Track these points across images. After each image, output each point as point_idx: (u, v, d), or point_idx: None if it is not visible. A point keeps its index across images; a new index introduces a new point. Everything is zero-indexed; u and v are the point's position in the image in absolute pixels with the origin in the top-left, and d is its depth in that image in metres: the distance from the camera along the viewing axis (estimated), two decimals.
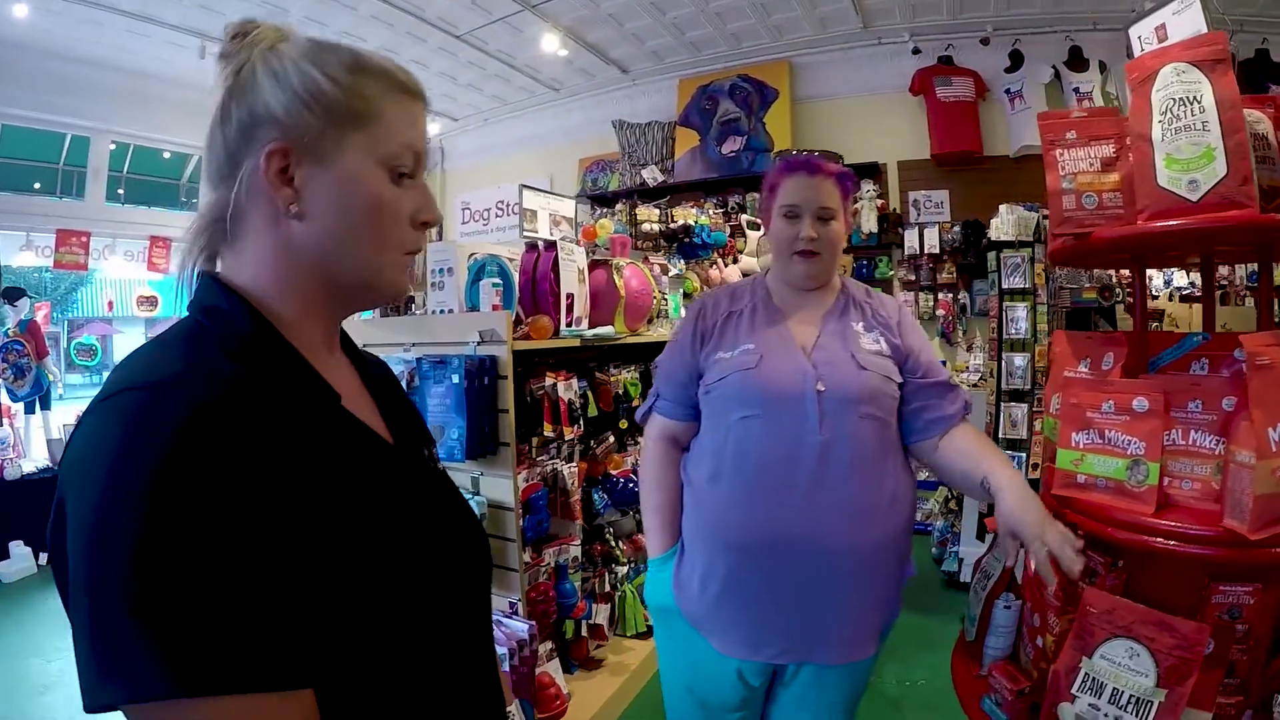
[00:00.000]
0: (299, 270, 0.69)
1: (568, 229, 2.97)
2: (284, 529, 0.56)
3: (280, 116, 0.65)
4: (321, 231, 0.68)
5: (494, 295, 2.27)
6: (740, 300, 1.57)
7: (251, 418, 0.57)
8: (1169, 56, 1.25)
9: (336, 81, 0.67)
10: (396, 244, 0.72)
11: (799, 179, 1.51)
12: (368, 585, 0.62)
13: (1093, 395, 1.32)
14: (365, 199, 0.68)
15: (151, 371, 0.58)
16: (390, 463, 0.74)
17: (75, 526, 0.52)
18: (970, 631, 1.57)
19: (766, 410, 1.41)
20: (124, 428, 0.53)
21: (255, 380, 0.61)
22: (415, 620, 0.67)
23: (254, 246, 0.68)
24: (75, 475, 0.54)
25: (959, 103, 5.26)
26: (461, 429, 2.15)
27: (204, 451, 0.53)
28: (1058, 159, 1.34)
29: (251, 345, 0.64)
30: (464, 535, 0.79)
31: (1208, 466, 1.24)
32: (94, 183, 6.80)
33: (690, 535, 1.52)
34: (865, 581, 1.41)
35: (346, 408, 0.71)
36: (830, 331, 1.51)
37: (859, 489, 1.39)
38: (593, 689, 2.70)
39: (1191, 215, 1.19)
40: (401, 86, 0.71)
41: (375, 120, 0.68)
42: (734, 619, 1.43)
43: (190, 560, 0.50)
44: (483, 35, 5.70)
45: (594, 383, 2.80)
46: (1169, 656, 1.10)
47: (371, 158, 0.68)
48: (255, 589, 0.53)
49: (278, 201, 0.66)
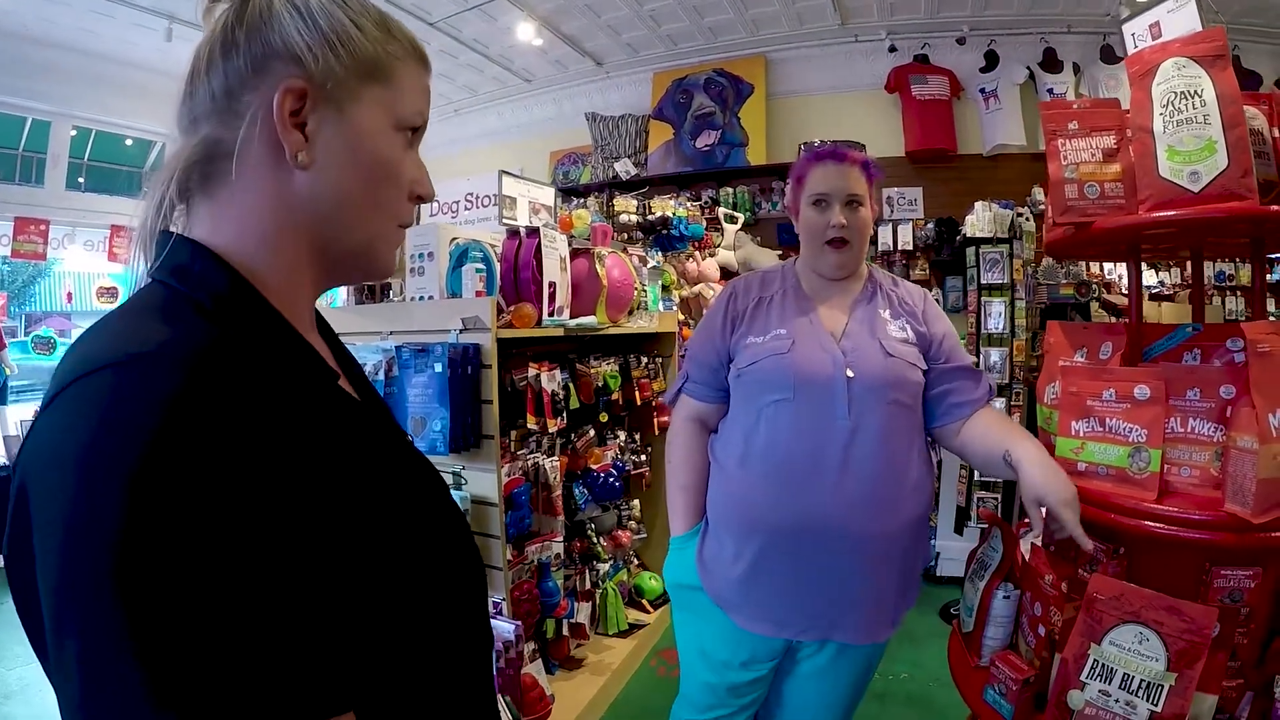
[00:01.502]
0: (292, 227, 0.62)
1: (547, 217, 2.92)
2: (288, 518, 0.48)
3: (302, 54, 0.59)
4: (325, 184, 0.62)
5: (477, 281, 2.21)
6: (771, 286, 1.61)
7: (244, 392, 0.49)
8: (1169, 51, 1.27)
9: (365, 31, 0.62)
10: (394, 213, 0.68)
11: (826, 167, 1.54)
12: (384, 583, 0.56)
13: (1093, 383, 1.33)
14: (377, 156, 0.64)
15: (121, 345, 0.48)
16: (379, 436, 0.69)
17: (47, 542, 0.43)
18: (967, 622, 1.56)
19: (798, 394, 1.44)
20: (100, 411, 0.44)
21: (239, 346, 0.52)
22: (429, 620, 0.62)
23: (244, 196, 0.60)
24: (41, 474, 0.45)
25: (934, 101, 5.30)
26: (445, 420, 2.08)
27: (203, 431, 0.44)
28: (1060, 149, 1.34)
29: (230, 308, 0.56)
30: (456, 524, 0.73)
31: (1206, 453, 1.25)
32: (54, 169, 6.55)
33: (717, 515, 1.55)
34: (887, 564, 1.46)
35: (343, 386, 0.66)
36: (858, 319, 1.54)
37: (885, 474, 1.43)
38: (574, 689, 2.67)
39: (1193, 206, 1.21)
40: (420, 56, 0.69)
41: (394, 79, 0.65)
42: (761, 598, 1.47)
43: (193, 576, 0.41)
44: (456, 23, 5.59)
45: (574, 374, 2.76)
46: (1178, 640, 1.11)
47: (388, 116, 0.65)
48: (276, 600, 0.45)
49: (286, 145, 0.59)
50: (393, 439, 0.73)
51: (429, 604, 0.62)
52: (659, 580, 3.25)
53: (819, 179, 1.55)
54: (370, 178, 0.64)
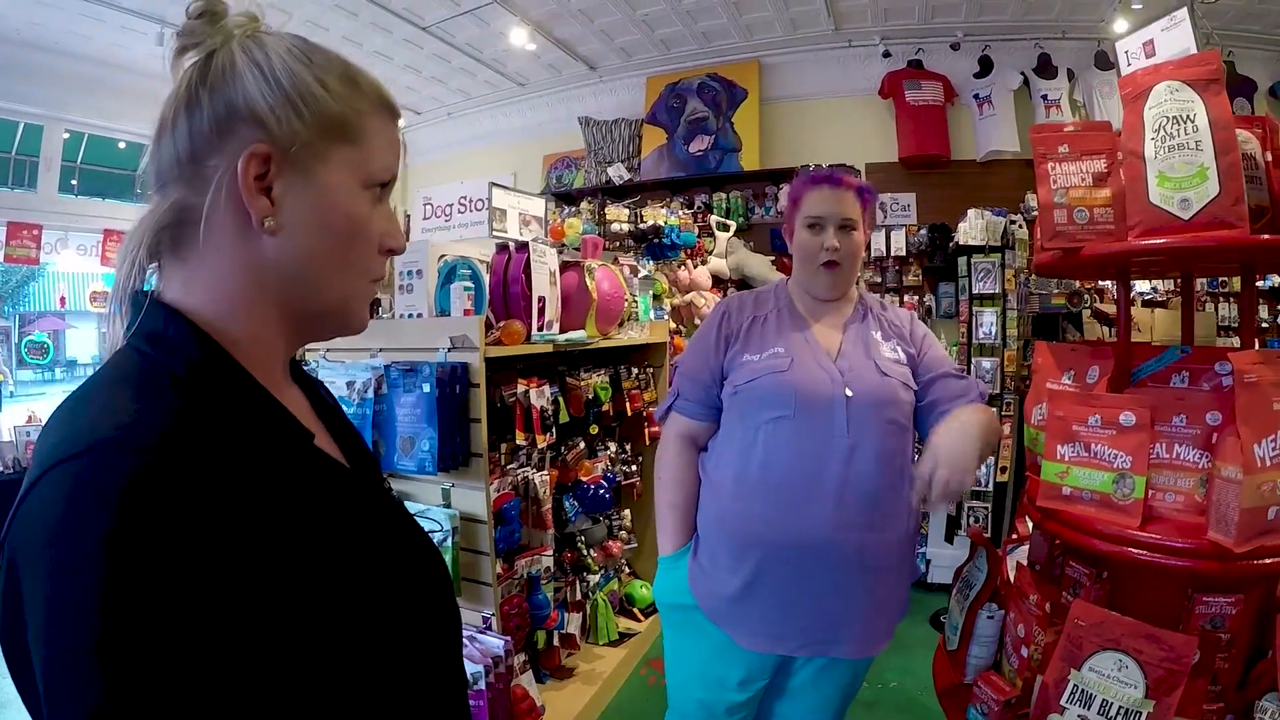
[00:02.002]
0: (263, 291, 0.62)
1: (538, 229, 2.90)
2: (261, 585, 0.50)
3: (265, 116, 0.58)
4: (294, 248, 0.61)
5: (465, 299, 2.21)
6: (764, 305, 1.63)
7: (214, 465, 0.50)
8: (1162, 74, 1.26)
9: (329, 89, 0.61)
10: (365, 270, 0.67)
11: (822, 191, 1.58)
12: (351, 630, 0.57)
13: (1079, 408, 1.33)
14: (345, 220, 0.63)
15: (91, 429, 0.50)
16: (358, 497, 0.68)
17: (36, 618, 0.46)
18: (952, 640, 1.57)
19: (798, 412, 1.46)
20: (65, 505, 0.46)
21: (209, 418, 0.53)
22: (399, 670, 0.62)
23: (213, 260, 0.60)
24: (26, 557, 0.47)
25: (928, 107, 5.31)
26: (433, 440, 2.08)
27: (165, 515, 0.46)
28: (1049, 173, 1.34)
29: (202, 373, 0.57)
30: (427, 566, 0.73)
31: (1191, 480, 1.25)
32: (46, 173, 6.49)
33: (710, 532, 1.56)
34: (883, 580, 1.48)
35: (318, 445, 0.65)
36: (852, 339, 1.57)
37: (883, 491, 1.45)
38: (565, 699, 2.68)
39: (1182, 233, 1.20)
40: (388, 106, 0.67)
41: (361, 137, 0.64)
42: (759, 614, 1.48)
43: (160, 652, 0.44)
44: (449, 27, 5.58)
45: (564, 388, 2.75)
46: (1157, 668, 1.11)
47: (356, 175, 0.64)
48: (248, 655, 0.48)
49: (252, 211, 0.59)
50: (370, 493, 0.71)
51: (398, 655, 0.62)
52: (649, 588, 3.25)
53: (815, 202, 1.58)
54: (340, 240, 0.63)
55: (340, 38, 5.69)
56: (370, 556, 0.63)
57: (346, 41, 5.77)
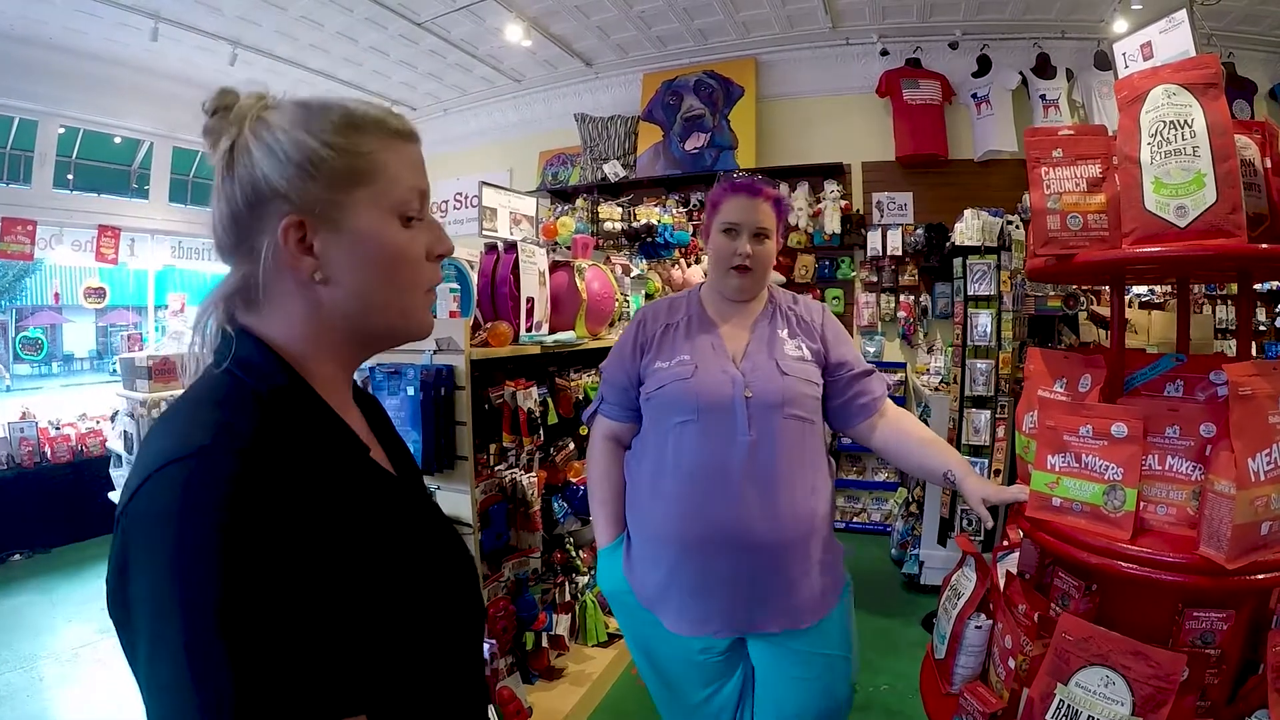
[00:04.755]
0: (330, 329, 0.72)
1: (529, 228, 2.87)
2: (329, 572, 0.60)
3: (285, 190, 0.67)
4: (349, 291, 0.71)
5: (451, 301, 2.20)
6: (677, 313, 1.73)
7: (293, 471, 0.61)
8: (1159, 78, 1.22)
9: (331, 145, 0.68)
10: (417, 285, 0.75)
11: (740, 200, 1.66)
12: (395, 616, 0.67)
13: (1071, 418, 1.30)
14: (383, 253, 0.71)
15: (194, 436, 0.60)
16: (404, 501, 0.78)
17: (149, 595, 0.55)
18: (940, 649, 1.55)
19: (701, 415, 1.58)
20: (181, 497, 0.56)
21: (291, 433, 0.65)
22: (433, 648, 0.72)
23: (283, 310, 0.71)
24: (143, 542, 0.57)
25: (925, 105, 5.28)
26: (417, 443, 2.08)
27: (260, 507, 0.57)
28: (1043, 177, 1.31)
29: (287, 397, 0.68)
30: (458, 562, 0.83)
31: (1184, 492, 1.23)
32: (41, 168, 6.45)
33: (635, 528, 1.70)
34: (792, 561, 1.59)
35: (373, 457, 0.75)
36: (758, 339, 1.68)
37: (784, 481, 1.57)
38: (554, 700, 2.68)
39: (1178, 241, 1.17)
40: (396, 133, 0.73)
41: (378, 174, 0.70)
42: (680, 601, 1.61)
43: (266, 609, 0.54)
44: (445, 23, 5.54)
45: (554, 388, 2.72)
46: (1145, 685, 1.09)
47: (381, 211, 0.71)
48: (319, 628, 0.57)
49: (301, 270, 0.69)
50: (415, 500, 0.82)
51: (431, 635, 0.72)
52: None
53: (732, 209, 1.66)
54: (384, 271, 0.72)
55: (335, 33, 5.66)
56: (410, 552, 0.73)
57: (341, 37, 5.74)
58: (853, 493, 5.38)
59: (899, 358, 5.53)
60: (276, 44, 5.81)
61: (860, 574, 4.18)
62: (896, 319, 5.52)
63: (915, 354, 5.41)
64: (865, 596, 3.95)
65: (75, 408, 6.33)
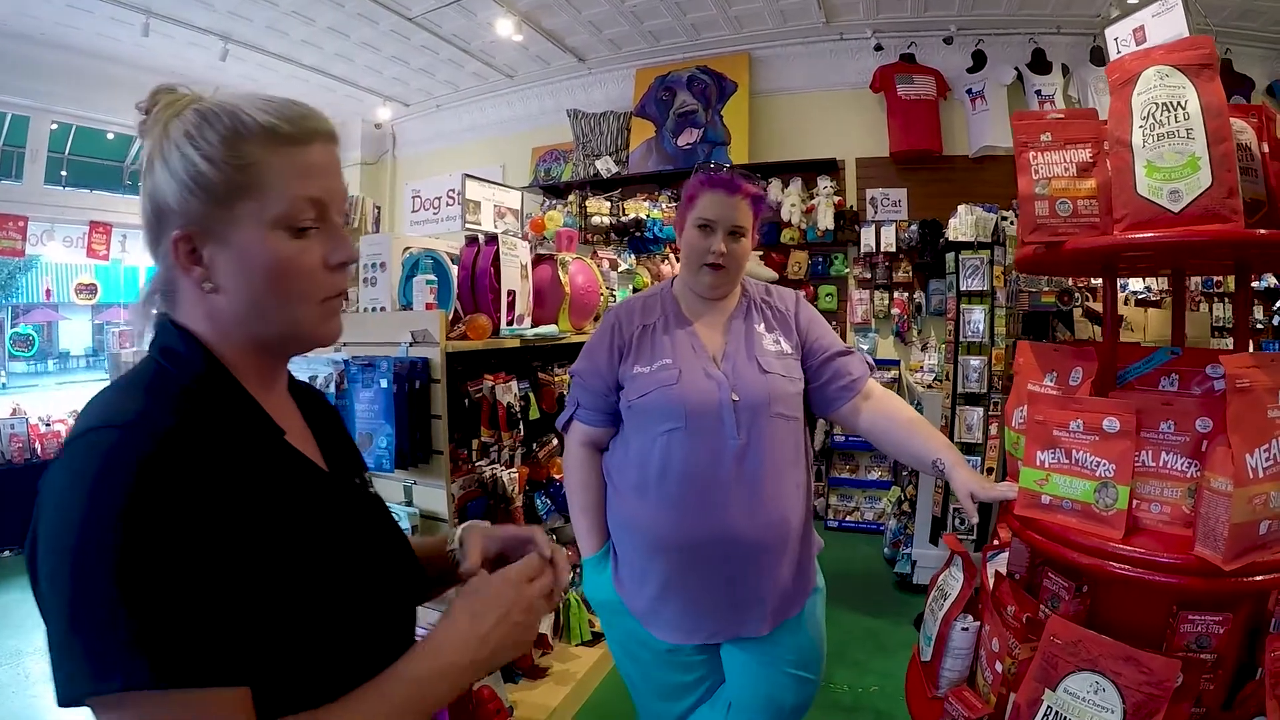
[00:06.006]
0: (228, 332, 0.74)
1: (513, 221, 2.82)
2: (230, 545, 0.63)
3: (174, 206, 0.70)
4: (237, 299, 0.72)
5: (428, 293, 2.14)
6: (652, 313, 1.68)
7: (203, 450, 0.64)
8: (1152, 59, 1.17)
9: (212, 159, 0.68)
10: (309, 296, 0.75)
11: (717, 196, 1.59)
12: (297, 596, 0.68)
13: (1060, 413, 1.25)
14: (266, 266, 0.71)
15: (118, 413, 0.65)
16: (323, 488, 0.79)
17: (52, 545, 0.59)
18: (926, 651, 1.50)
19: (689, 422, 1.53)
20: (98, 461, 0.60)
21: (208, 416, 0.68)
22: (340, 628, 0.72)
23: (192, 311, 0.74)
24: (52, 502, 0.61)
25: (920, 101, 5.23)
26: (390, 437, 2.03)
27: (166, 478, 0.60)
28: (1030, 162, 1.26)
29: (205, 383, 0.71)
30: (390, 554, 0.85)
31: (1179, 490, 1.17)
32: (33, 164, 6.41)
33: (621, 538, 1.66)
34: (782, 560, 1.58)
35: (289, 441, 0.77)
36: (735, 337, 1.64)
37: (772, 482, 1.55)
38: (537, 699, 2.67)
39: (1172, 227, 1.12)
40: (287, 139, 0.71)
41: (261, 185, 0.70)
42: (674, 611, 1.59)
43: (160, 572, 0.58)
44: (436, 19, 5.49)
45: (536, 383, 2.67)
46: (1136, 692, 1.04)
47: (263, 224, 0.70)
48: (211, 597, 0.60)
49: (192, 280, 0.72)
50: (341, 490, 0.83)
51: (337, 607, 0.72)
52: None
53: (708, 205, 1.59)
54: (271, 284, 0.72)
55: (326, 28, 5.61)
56: (323, 536, 0.74)
57: (333, 32, 5.69)
58: (846, 491, 5.32)
59: (893, 355, 5.49)
60: (268, 39, 5.77)
61: (852, 573, 4.20)
62: (890, 316, 5.48)
63: (909, 351, 5.37)
64: (857, 596, 3.94)
65: (68, 405, 6.28)
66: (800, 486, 1.62)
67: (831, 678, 3.05)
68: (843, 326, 5.66)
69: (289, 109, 0.72)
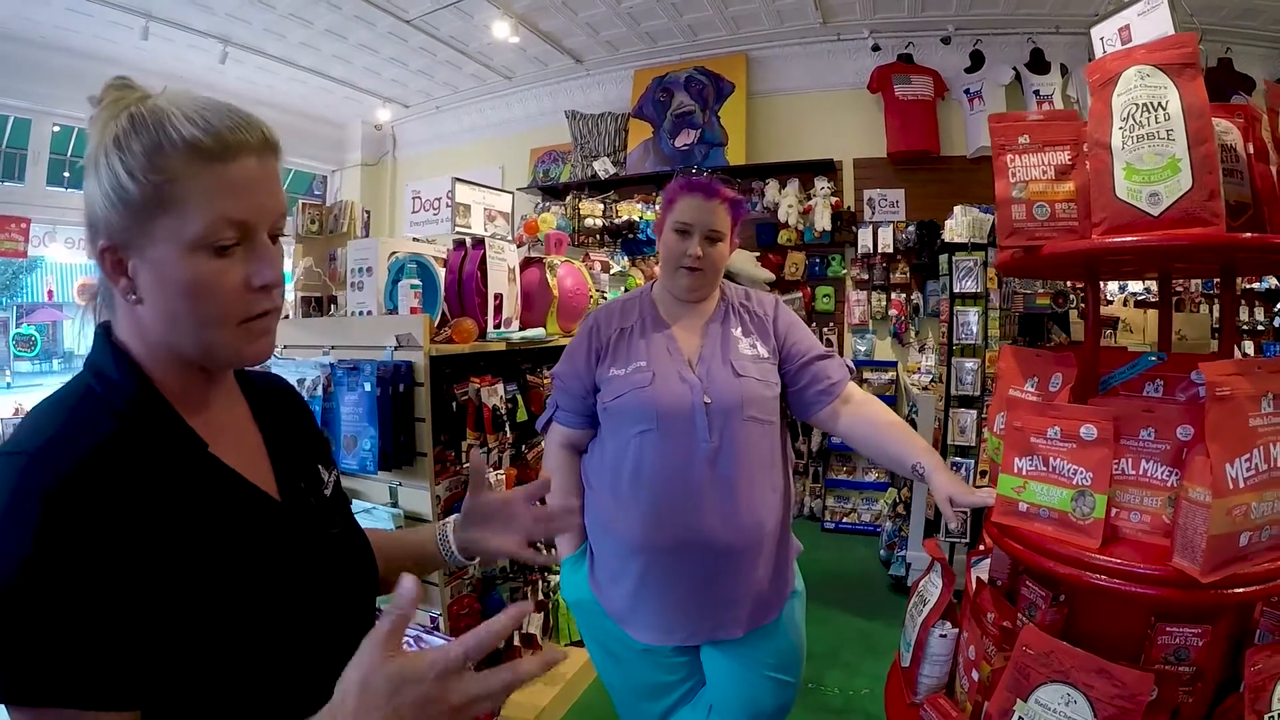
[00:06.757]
0: (154, 343, 0.73)
1: (503, 225, 2.82)
2: (131, 571, 0.62)
3: (100, 217, 0.69)
4: (156, 313, 0.71)
5: (412, 298, 2.15)
6: (630, 316, 1.69)
7: (110, 480, 0.64)
8: (1133, 59, 1.15)
9: (133, 173, 0.67)
10: (225, 318, 0.72)
11: (695, 200, 1.60)
12: (201, 621, 0.66)
13: (1038, 419, 1.23)
14: (180, 286, 0.69)
15: (32, 437, 0.65)
16: (249, 509, 0.76)
17: None
18: (905, 657, 1.49)
19: (661, 424, 1.55)
20: (5, 494, 0.61)
21: (127, 438, 0.67)
22: (248, 654, 0.69)
23: (125, 319, 0.74)
24: None
25: (917, 101, 5.21)
26: (374, 439, 2.04)
27: (66, 513, 0.60)
28: (1008, 165, 1.24)
29: (131, 404, 0.70)
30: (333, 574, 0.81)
31: (1159, 499, 1.16)
32: (34, 167, 6.44)
33: (598, 539, 1.67)
34: (757, 564, 1.59)
35: (216, 453, 0.75)
36: (711, 340, 1.65)
37: (746, 484, 1.56)
38: (525, 699, 2.67)
39: (1151, 231, 1.10)
40: (211, 154, 0.68)
41: (179, 202, 0.67)
42: (648, 611, 1.60)
43: (57, 599, 0.58)
44: (433, 20, 5.49)
45: (525, 385, 2.66)
46: (1108, 706, 1.02)
47: (180, 242, 0.68)
48: (110, 626, 0.60)
49: (120, 290, 0.71)
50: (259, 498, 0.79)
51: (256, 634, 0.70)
52: None
53: (685, 209, 1.60)
54: (184, 303, 0.70)
55: (324, 30, 5.61)
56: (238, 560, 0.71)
57: (331, 34, 5.69)
58: (843, 493, 5.30)
59: (890, 356, 5.46)
60: (267, 42, 5.77)
61: (847, 575, 4.18)
62: (888, 317, 5.45)
63: (907, 353, 5.34)
64: (851, 598, 3.92)
65: None
66: (776, 490, 1.62)
67: (822, 680, 3.04)
68: (840, 328, 5.64)
69: (220, 119, 0.69)
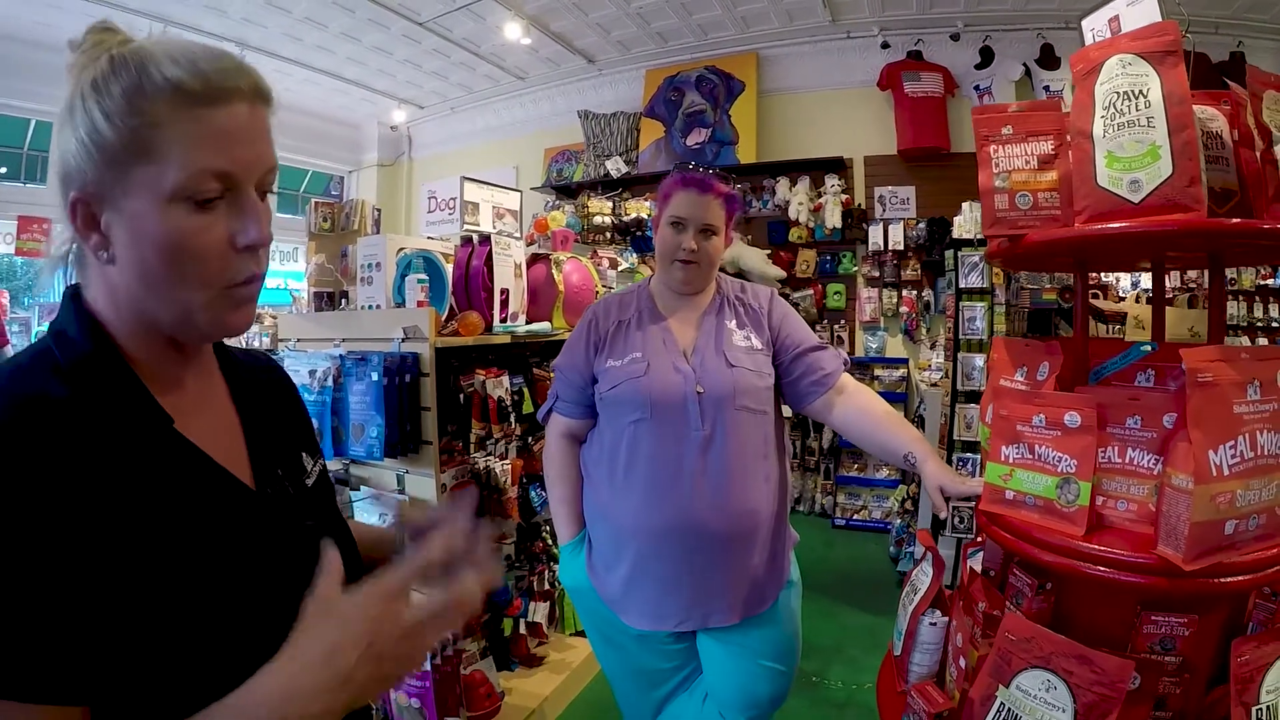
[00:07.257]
0: (124, 307, 0.67)
1: (511, 222, 2.87)
2: (72, 551, 0.56)
3: (73, 167, 0.64)
4: (130, 273, 0.65)
5: (419, 292, 2.22)
6: (628, 309, 1.73)
7: (51, 444, 0.58)
8: (1116, 47, 1.16)
9: (111, 117, 0.62)
10: (206, 279, 0.66)
11: (690, 195, 1.64)
12: (163, 612, 0.60)
13: (1023, 407, 1.24)
14: (158, 241, 0.63)
15: None
16: (218, 489, 0.70)
17: None
18: (897, 646, 1.51)
19: (655, 413, 1.58)
20: None
21: (78, 404, 0.61)
22: (217, 653, 0.63)
23: (96, 280, 0.68)
24: None
25: (927, 98, 5.20)
26: (380, 427, 2.13)
27: (17, 486, 0.55)
28: (991, 155, 1.25)
29: (88, 368, 0.64)
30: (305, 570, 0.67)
31: (1145, 487, 1.16)
32: None
33: (595, 526, 1.72)
34: (750, 551, 1.62)
35: (180, 429, 0.69)
36: (706, 332, 1.68)
37: (738, 473, 1.59)
38: (531, 686, 2.73)
39: (1133, 218, 1.11)
40: (196, 98, 0.63)
41: (159, 150, 0.62)
42: (641, 597, 1.63)
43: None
44: (446, 23, 5.56)
45: (531, 378, 2.71)
46: (1088, 692, 1.02)
47: (159, 193, 0.62)
48: (54, 612, 0.54)
49: (92, 247, 0.66)
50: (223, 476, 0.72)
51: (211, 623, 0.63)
52: None
53: (680, 203, 1.64)
54: (160, 260, 0.64)
55: (339, 33, 5.69)
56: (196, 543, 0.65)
57: (345, 37, 5.76)
58: (854, 490, 5.30)
59: (901, 353, 5.46)
60: (282, 45, 5.86)
61: (856, 571, 4.19)
62: (899, 314, 5.44)
63: (918, 349, 5.33)
64: (859, 594, 3.93)
65: None
66: (770, 480, 1.65)
67: (827, 674, 3.05)
68: (851, 325, 5.64)
69: (207, 62, 0.64)
